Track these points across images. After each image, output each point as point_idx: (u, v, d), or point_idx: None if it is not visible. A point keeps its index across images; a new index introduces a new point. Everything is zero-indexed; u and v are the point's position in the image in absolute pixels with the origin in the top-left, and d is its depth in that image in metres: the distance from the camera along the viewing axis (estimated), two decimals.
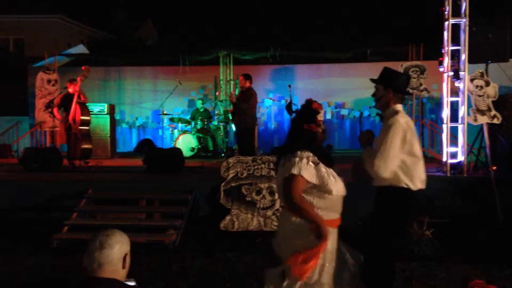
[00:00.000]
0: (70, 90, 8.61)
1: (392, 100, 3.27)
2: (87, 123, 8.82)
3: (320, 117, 2.87)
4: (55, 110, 8.82)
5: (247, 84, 8.38)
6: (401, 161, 3.12)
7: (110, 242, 1.87)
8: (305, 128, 2.82)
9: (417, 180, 3.19)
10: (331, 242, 2.71)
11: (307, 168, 2.67)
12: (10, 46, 21.01)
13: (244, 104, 8.22)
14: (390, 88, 3.26)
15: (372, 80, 3.41)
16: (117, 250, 1.89)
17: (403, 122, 3.14)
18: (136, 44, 22.15)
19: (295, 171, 2.65)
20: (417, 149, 3.19)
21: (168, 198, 6.61)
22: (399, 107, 3.29)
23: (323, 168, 2.73)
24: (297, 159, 2.69)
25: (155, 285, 4.32)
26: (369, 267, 3.00)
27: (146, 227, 6.04)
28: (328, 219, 2.71)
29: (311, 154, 2.73)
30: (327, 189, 2.69)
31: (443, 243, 5.17)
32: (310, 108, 2.89)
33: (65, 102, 8.62)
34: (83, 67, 8.71)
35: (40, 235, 5.86)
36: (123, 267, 1.92)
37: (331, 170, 2.78)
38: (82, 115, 8.57)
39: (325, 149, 3.05)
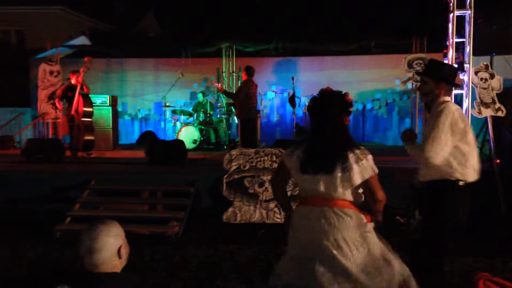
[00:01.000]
0: (73, 81, 8.59)
1: (442, 93, 3.15)
2: (89, 114, 8.81)
3: (351, 110, 2.80)
4: (56, 101, 8.81)
5: (244, 76, 8.50)
6: (454, 149, 3.00)
7: (98, 246, 1.81)
8: (345, 121, 2.72)
9: (471, 169, 3.06)
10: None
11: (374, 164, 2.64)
12: (12, 38, 20.97)
13: (234, 95, 8.42)
14: (443, 82, 3.14)
15: (420, 73, 3.31)
16: (107, 249, 1.84)
17: (454, 108, 3.04)
18: (138, 36, 22.07)
19: (375, 169, 2.62)
20: (471, 138, 3.08)
21: (170, 190, 6.61)
22: (448, 98, 3.19)
23: None
24: (370, 156, 2.63)
25: (158, 276, 4.33)
26: (420, 269, 2.97)
27: (149, 218, 6.05)
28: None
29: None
30: None
31: None
32: (345, 100, 2.73)
33: (68, 93, 8.61)
34: (85, 58, 8.68)
35: (43, 226, 5.88)
36: (119, 258, 1.88)
37: None
38: (84, 106, 8.57)
39: None
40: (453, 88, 3.33)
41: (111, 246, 1.85)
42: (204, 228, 6.02)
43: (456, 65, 7.10)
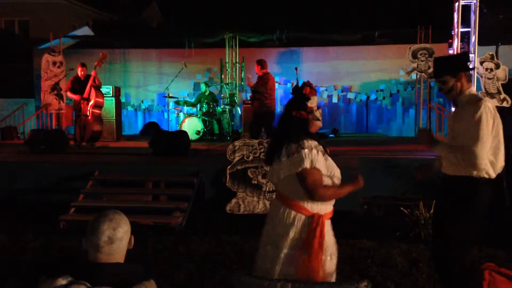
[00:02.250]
0: (81, 73, 8.60)
1: (465, 83, 3.02)
2: (101, 106, 8.86)
3: (312, 103, 2.63)
4: (69, 93, 8.78)
5: (262, 70, 8.56)
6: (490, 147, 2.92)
7: (119, 235, 1.83)
8: (294, 115, 2.60)
9: (499, 166, 3.02)
10: (328, 234, 2.58)
11: (318, 160, 2.50)
12: (15, 28, 20.96)
13: (262, 88, 8.40)
14: (461, 72, 3.00)
15: (436, 77, 3.15)
16: (125, 240, 1.87)
17: (490, 106, 2.94)
18: (141, 26, 22.02)
19: (307, 164, 2.47)
20: (501, 133, 3.02)
21: (174, 181, 6.62)
22: (474, 90, 3.05)
23: (327, 157, 2.59)
24: (306, 150, 2.48)
25: (161, 266, 4.34)
26: (444, 264, 2.94)
27: (153, 209, 6.06)
28: (327, 212, 2.59)
29: (316, 143, 2.55)
30: (333, 179, 2.57)
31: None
32: (300, 94, 2.66)
33: (75, 86, 8.61)
34: (101, 53, 8.75)
35: (47, 216, 5.90)
36: (128, 247, 1.91)
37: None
38: (97, 97, 8.60)
39: (318, 135, 2.76)
40: (471, 72, 3.14)
41: (128, 235, 1.89)
42: (208, 219, 6.04)
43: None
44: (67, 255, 4.59)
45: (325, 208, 2.57)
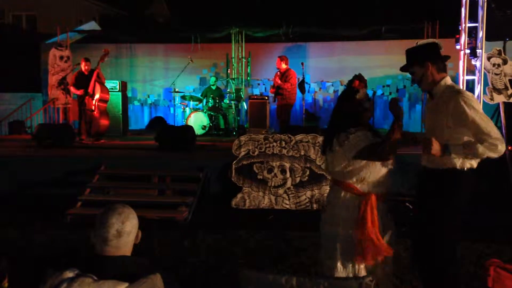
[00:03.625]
0: (85, 68, 8.64)
1: (435, 72, 2.93)
2: (106, 101, 8.90)
3: (360, 95, 2.81)
4: (73, 89, 8.84)
5: (286, 65, 8.91)
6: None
7: (127, 229, 1.86)
8: (343, 107, 2.84)
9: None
10: (379, 216, 2.74)
11: (369, 138, 2.73)
12: (23, 23, 21.03)
13: (287, 84, 8.75)
14: (426, 61, 2.94)
15: (404, 69, 3.14)
16: (133, 234, 1.89)
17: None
18: (147, 21, 22.02)
19: (364, 144, 2.69)
20: None
21: (180, 175, 6.65)
22: (449, 80, 2.97)
23: (377, 137, 2.80)
24: (356, 134, 2.72)
25: (167, 260, 4.37)
26: (426, 259, 2.97)
27: (158, 203, 6.10)
28: (378, 193, 2.77)
29: (365, 131, 2.77)
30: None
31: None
32: (349, 87, 2.86)
33: (79, 80, 8.65)
34: (103, 50, 8.78)
35: (54, 210, 5.95)
36: (135, 242, 1.93)
37: None
38: (102, 92, 8.63)
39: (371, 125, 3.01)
40: (445, 63, 3.02)
41: (136, 229, 1.91)
42: (213, 214, 6.06)
43: (468, 50, 7.00)
44: (74, 248, 4.63)
45: (376, 189, 2.76)
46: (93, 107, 8.59)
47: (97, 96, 8.58)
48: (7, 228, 5.33)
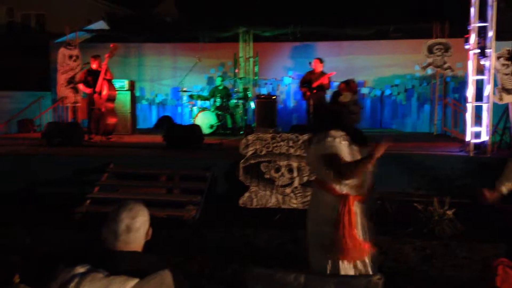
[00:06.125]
0: (94, 66, 8.67)
1: None
2: (113, 99, 8.94)
3: (343, 99, 2.84)
4: (81, 86, 8.88)
5: (320, 67, 9.17)
6: None
7: (137, 225, 1.88)
8: (326, 109, 2.94)
9: None
10: (358, 216, 2.80)
11: (340, 147, 2.73)
12: (32, 22, 21.17)
13: (327, 84, 9.00)
14: None
15: None
16: (143, 230, 1.91)
17: None
18: (155, 21, 22.09)
19: (328, 151, 2.72)
20: None
21: (187, 174, 6.67)
22: None
23: (354, 146, 2.79)
24: (331, 138, 2.73)
25: (174, 258, 4.39)
26: None
27: (167, 202, 6.12)
28: (356, 194, 2.79)
29: (343, 133, 2.77)
30: None
31: (464, 223, 5.12)
32: (335, 90, 2.94)
33: (88, 77, 8.68)
34: (111, 45, 8.76)
35: (63, 208, 5.99)
36: (145, 238, 1.95)
37: (359, 148, 2.81)
38: (109, 90, 8.66)
39: (358, 129, 3.03)
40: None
41: (146, 226, 1.94)
42: (221, 213, 6.08)
43: (478, 50, 6.96)
44: (83, 245, 4.66)
45: (354, 191, 2.78)
46: (100, 106, 8.63)
47: (105, 94, 8.61)
48: (17, 225, 5.38)
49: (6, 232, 5.00)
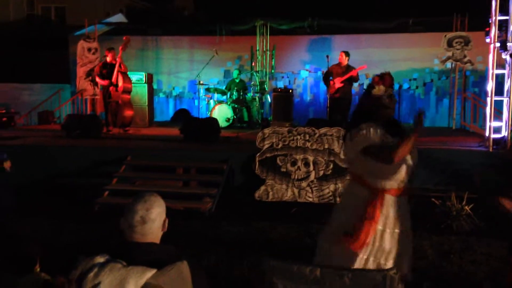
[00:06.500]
0: (108, 58, 8.75)
1: None
2: (129, 91, 9.00)
3: (376, 91, 2.83)
4: (98, 78, 8.97)
5: (346, 61, 9.00)
6: None
7: (152, 216, 1.89)
8: (364, 102, 2.91)
9: None
10: (392, 209, 2.78)
11: (374, 138, 2.74)
12: (52, 15, 21.43)
13: (356, 77, 8.97)
14: None
15: None
16: (158, 221, 1.93)
17: None
18: (173, 14, 22.18)
19: (366, 143, 2.73)
20: None
21: (204, 167, 6.71)
22: None
23: (390, 139, 2.77)
24: (364, 131, 2.76)
25: (191, 250, 4.43)
26: None
27: (183, 194, 6.17)
28: (391, 188, 2.78)
29: (375, 125, 2.78)
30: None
31: (482, 219, 5.06)
32: (370, 83, 2.93)
33: (103, 70, 8.76)
34: (124, 37, 8.79)
35: (82, 199, 6.10)
36: (162, 230, 1.97)
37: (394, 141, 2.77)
38: (124, 82, 8.72)
39: (396, 121, 3.05)
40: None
41: (161, 217, 1.95)
42: (237, 205, 6.11)
43: (498, 44, 6.83)
44: (102, 236, 4.74)
45: (389, 184, 2.77)
46: (117, 98, 8.69)
47: (120, 86, 8.68)
48: (37, 216, 5.48)
49: (27, 223, 5.10)
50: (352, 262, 2.74)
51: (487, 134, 6.98)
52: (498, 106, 7.15)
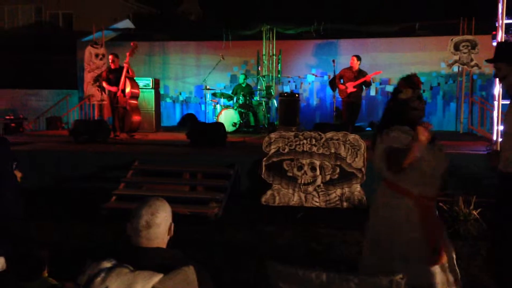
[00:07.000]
0: (112, 65, 8.80)
1: None
2: (136, 96, 9.06)
3: (403, 95, 2.83)
4: (105, 84, 9.03)
5: (358, 65, 8.95)
6: None
7: (157, 221, 1.91)
8: (390, 105, 2.91)
9: None
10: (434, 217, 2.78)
11: (399, 140, 2.68)
12: (59, 21, 21.63)
13: (369, 82, 8.94)
14: None
15: (490, 61, 3.08)
16: (163, 226, 1.94)
17: None
18: (179, 19, 22.30)
19: (393, 143, 2.69)
20: None
21: (210, 172, 6.73)
22: None
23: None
24: (394, 133, 2.72)
25: (197, 255, 4.44)
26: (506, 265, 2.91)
27: (190, 199, 6.19)
28: (430, 194, 2.75)
29: (405, 129, 2.73)
30: (421, 163, 2.64)
31: (490, 224, 5.03)
32: (396, 86, 2.94)
33: (110, 75, 8.82)
34: (132, 43, 8.85)
35: (90, 204, 6.12)
36: (168, 234, 1.98)
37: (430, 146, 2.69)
38: (132, 88, 8.78)
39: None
40: None
41: (167, 222, 1.97)
42: (243, 210, 6.11)
43: None
44: (110, 241, 4.76)
45: (428, 191, 2.73)
46: (124, 104, 8.75)
47: (128, 92, 8.73)
48: (45, 221, 5.51)
49: (35, 227, 5.14)
50: (434, 276, 2.71)
51: (494, 138, 6.94)
52: (505, 110, 7.10)
